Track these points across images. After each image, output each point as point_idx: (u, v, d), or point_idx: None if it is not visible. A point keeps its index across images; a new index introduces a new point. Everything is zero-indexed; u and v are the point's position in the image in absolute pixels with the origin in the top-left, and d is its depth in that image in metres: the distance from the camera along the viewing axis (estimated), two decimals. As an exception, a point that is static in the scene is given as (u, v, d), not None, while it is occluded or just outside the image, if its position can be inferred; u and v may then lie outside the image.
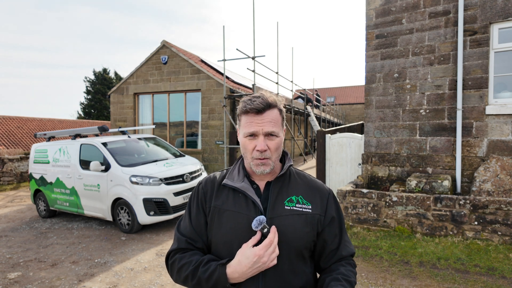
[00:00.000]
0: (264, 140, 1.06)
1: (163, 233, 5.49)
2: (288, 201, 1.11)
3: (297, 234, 1.07)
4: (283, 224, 1.07)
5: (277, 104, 1.10)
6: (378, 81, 5.93)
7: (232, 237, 1.08)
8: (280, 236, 1.05)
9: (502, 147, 4.92)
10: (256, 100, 1.06)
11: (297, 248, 1.08)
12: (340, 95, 35.51)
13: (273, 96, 1.11)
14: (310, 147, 18.25)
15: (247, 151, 1.10)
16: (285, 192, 1.12)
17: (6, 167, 11.46)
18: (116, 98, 12.18)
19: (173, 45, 11.19)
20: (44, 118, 18.05)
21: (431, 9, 5.43)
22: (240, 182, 1.13)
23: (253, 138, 1.07)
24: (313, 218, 1.11)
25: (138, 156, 6.27)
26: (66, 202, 6.35)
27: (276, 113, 1.09)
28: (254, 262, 0.99)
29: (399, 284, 3.35)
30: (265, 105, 1.06)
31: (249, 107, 1.06)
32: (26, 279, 3.90)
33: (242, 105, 1.09)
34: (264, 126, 1.05)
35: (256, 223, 1.02)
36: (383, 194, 4.75)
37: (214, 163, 10.32)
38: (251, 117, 1.07)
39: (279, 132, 1.09)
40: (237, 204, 1.10)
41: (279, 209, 1.09)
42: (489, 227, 4.12)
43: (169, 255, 1.16)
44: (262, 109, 1.06)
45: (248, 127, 1.07)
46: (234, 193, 1.13)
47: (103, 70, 30.68)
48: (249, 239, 1.04)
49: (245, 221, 1.07)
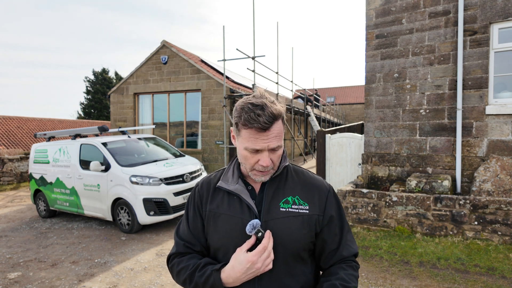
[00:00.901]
0: (269, 155, 1.01)
1: (163, 233, 5.49)
2: (284, 203, 1.07)
3: (293, 237, 1.04)
4: (279, 227, 1.04)
5: (282, 113, 1.01)
6: (378, 81, 5.93)
7: (227, 241, 1.06)
8: (276, 239, 1.02)
9: (502, 147, 4.92)
10: (261, 115, 0.95)
11: (293, 251, 1.05)
12: (340, 95, 35.52)
13: (275, 103, 1.01)
14: (310, 147, 18.25)
15: (248, 163, 1.03)
16: (281, 193, 1.08)
17: (6, 167, 11.46)
18: (116, 98, 12.18)
19: (173, 45, 11.19)
20: (44, 118, 18.06)
21: (431, 9, 5.44)
22: (234, 184, 1.09)
23: (256, 153, 1.01)
24: (310, 219, 1.06)
25: (138, 156, 6.27)
26: (66, 202, 6.35)
27: (280, 124, 1.01)
28: (248, 268, 0.97)
29: (399, 284, 3.35)
30: (271, 121, 0.96)
31: (255, 124, 0.95)
32: (26, 279, 3.90)
33: (244, 117, 0.97)
34: (270, 142, 0.98)
35: (250, 228, 0.99)
36: (383, 194, 4.75)
37: (214, 163, 10.32)
38: (256, 133, 0.97)
39: (282, 142, 1.05)
40: (231, 207, 1.08)
41: (274, 212, 1.05)
42: (489, 227, 4.12)
43: (169, 259, 1.17)
44: (269, 126, 0.96)
45: (252, 144, 0.98)
46: (229, 196, 1.10)
47: (102, 70, 30.68)
48: (242, 242, 1.02)
49: (239, 224, 1.04)
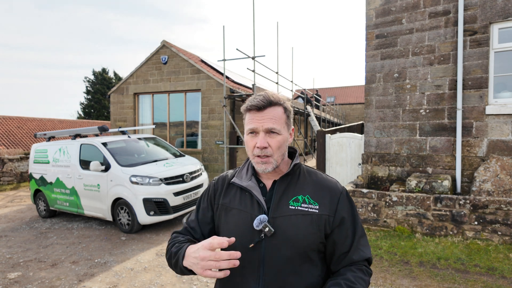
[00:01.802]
0: (265, 137, 1.06)
1: (163, 233, 5.49)
2: (294, 201, 1.08)
3: (300, 235, 1.04)
4: (286, 224, 1.05)
5: (281, 102, 1.09)
6: (378, 81, 5.93)
7: (235, 235, 1.07)
8: (283, 236, 1.04)
9: (502, 147, 4.92)
10: (258, 98, 1.08)
11: (300, 249, 1.05)
12: (340, 95, 35.51)
13: (278, 94, 1.11)
14: (310, 147, 18.25)
15: (249, 149, 1.10)
16: (291, 192, 1.10)
17: (6, 167, 11.46)
18: (116, 98, 12.18)
19: (173, 45, 11.19)
20: (44, 118, 18.05)
21: (431, 9, 5.44)
22: (247, 181, 1.14)
23: (254, 136, 1.08)
24: (320, 218, 1.06)
25: (138, 156, 6.27)
26: (66, 202, 6.35)
27: (279, 111, 1.08)
28: (194, 263, 0.97)
29: (399, 284, 3.35)
30: (266, 103, 1.06)
31: (250, 104, 1.08)
32: (26, 279, 3.90)
33: (245, 103, 1.11)
34: (264, 122, 1.05)
35: (257, 222, 1.03)
36: (383, 194, 4.75)
37: (214, 163, 10.32)
38: (253, 114, 1.08)
39: (281, 129, 1.08)
40: (243, 203, 1.12)
41: (282, 209, 1.07)
42: (489, 227, 4.12)
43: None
44: (263, 106, 1.06)
45: (250, 124, 1.08)
46: (241, 192, 1.14)
47: (102, 70, 30.66)
48: (250, 237, 1.05)
49: (248, 219, 1.08)
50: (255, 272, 1.05)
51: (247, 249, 1.05)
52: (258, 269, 1.05)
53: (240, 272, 1.06)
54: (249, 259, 1.05)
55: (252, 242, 1.05)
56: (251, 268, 1.06)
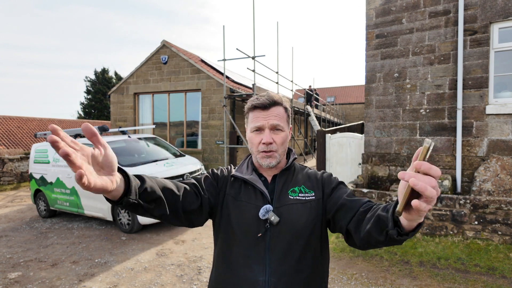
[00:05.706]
0: (270, 134, 1.12)
1: (163, 233, 5.49)
2: (292, 192, 1.16)
3: (302, 222, 1.10)
4: (289, 213, 1.11)
5: (283, 102, 1.17)
6: (378, 80, 5.93)
7: (241, 224, 1.12)
8: (287, 224, 1.09)
9: (502, 147, 4.92)
10: (262, 97, 1.14)
11: (303, 236, 1.10)
12: (340, 95, 35.50)
13: (279, 95, 1.18)
14: (310, 147, 18.24)
15: (254, 145, 1.16)
16: (290, 184, 1.18)
17: (6, 167, 11.46)
18: (116, 98, 12.18)
19: (173, 45, 11.19)
20: (44, 118, 18.04)
21: (431, 9, 5.43)
22: (249, 175, 1.19)
23: (259, 133, 1.14)
24: (317, 203, 1.15)
25: (138, 156, 6.27)
26: (66, 202, 6.35)
27: (282, 110, 1.16)
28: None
29: (399, 284, 3.35)
30: (271, 102, 1.14)
31: (256, 103, 1.14)
32: (27, 279, 3.90)
33: (249, 103, 1.17)
34: (270, 119, 1.12)
35: (263, 211, 1.09)
36: (383, 194, 4.75)
37: (214, 163, 10.32)
38: (258, 113, 1.14)
39: (284, 127, 1.16)
40: (247, 195, 1.17)
41: (284, 199, 1.14)
42: (489, 227, 4.12)
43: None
44: (268, 105, 1.13)
45: (255, 122, 1.14)
46: (245, 185, 1.19)
47: (103, 70, 30.65)
48: (256, 227, 1.09)
49: (253, 210, 1.12)
50: (262, 261, 1.08)
51: (254, 239, 1.09)
52: (264, 258, 1.08)
53: (246, 262, 1.09)
54: (255, 249, 1.09)
55: (259, 232, 1.09)
56: (258, 257, 1.09)
